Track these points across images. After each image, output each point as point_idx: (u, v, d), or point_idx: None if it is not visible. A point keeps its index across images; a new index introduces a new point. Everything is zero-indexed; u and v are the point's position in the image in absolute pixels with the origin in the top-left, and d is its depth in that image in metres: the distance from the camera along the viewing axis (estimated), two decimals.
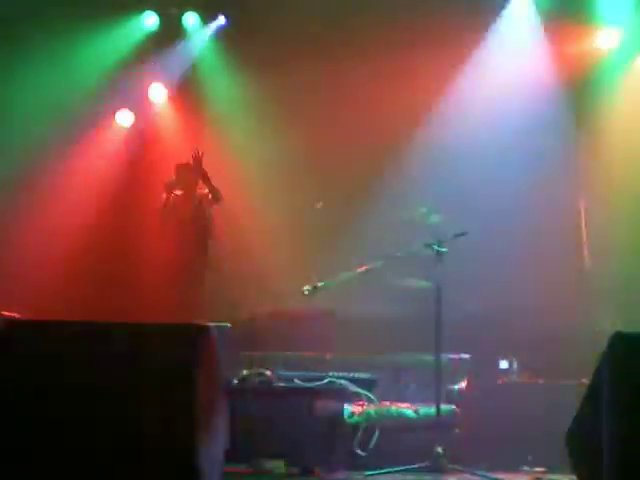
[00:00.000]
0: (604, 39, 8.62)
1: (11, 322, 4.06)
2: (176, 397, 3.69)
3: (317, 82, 8.99)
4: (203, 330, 3.85)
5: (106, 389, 3.75)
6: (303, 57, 8.94)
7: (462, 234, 5.80)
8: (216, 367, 4.11)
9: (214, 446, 4.01)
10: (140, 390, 3.63)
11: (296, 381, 5.40)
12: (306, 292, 6.30)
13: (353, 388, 5.57)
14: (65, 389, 3.70)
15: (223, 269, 8.49)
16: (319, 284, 6.33)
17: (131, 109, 9.70)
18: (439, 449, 5.44)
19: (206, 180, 7.88)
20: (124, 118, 9.73)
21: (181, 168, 8.17)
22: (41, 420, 3.73)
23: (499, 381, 6.76)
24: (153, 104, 9.77)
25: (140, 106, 9.71)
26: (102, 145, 9.60)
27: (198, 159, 7.91)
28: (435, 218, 7.01)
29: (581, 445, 4.04)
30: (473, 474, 5.30)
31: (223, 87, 9.56)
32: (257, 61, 9.22)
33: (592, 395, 4.00)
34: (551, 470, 5.54)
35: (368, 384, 5.73)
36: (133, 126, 9.72)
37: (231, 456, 4.46)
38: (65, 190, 9.14)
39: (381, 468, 5.36)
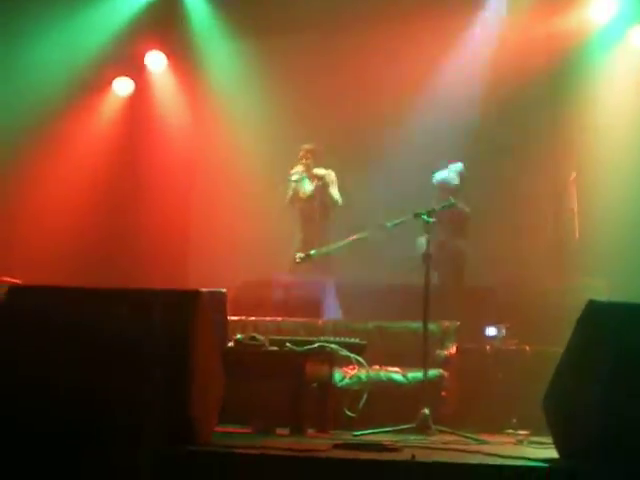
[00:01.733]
0: (598, 10, 8.70)
1: (14, 289, 4.20)
2: (173, 358, 3.88)
3: (317, 48, 9.09)
4: (198, 295, 4.03)
5: (106, 351, 3.96)
6: (301, 26, 9.04)
7: (450, 205, 5.93)
8: (211, 330, 4.30)
9: (209, 403, 4.22)
10: (138, 352, 3.80)
11: (288, 345, 5.57)
12: (298, 260, 6.44)
13: (343, 352, 5.74)
14: (66, 352, 3.88)
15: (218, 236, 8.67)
16: (311, 252, 6.47)
17: (130, 76, 9.80)
18: (425, 411, 5.61)
19: None
20: (123, 85, 9.83)
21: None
22: (43, 384, 3.92)
23: (487, 347, 6.92)
24: (151, 71, 9.86)
25: (138, 73, 9.80)
26: (101, 111, 9.72)
27: None
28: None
29: (557, 409, 4.24)
30: (458, 435, 5.48)
31: (221, 54, 9.64)
32: (255, 28, 9.32)
33: (567, 361, 4.19)
34: (535, 433, 5.68)
35: (358, 349, 5.89)
36: (132, 93, 9.83)
37: (224, 417, 4.68)
38: (65, 156, 9.27)
39: (370, 428, 5.53)
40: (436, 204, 5.91)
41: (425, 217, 5.83)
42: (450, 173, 7.50)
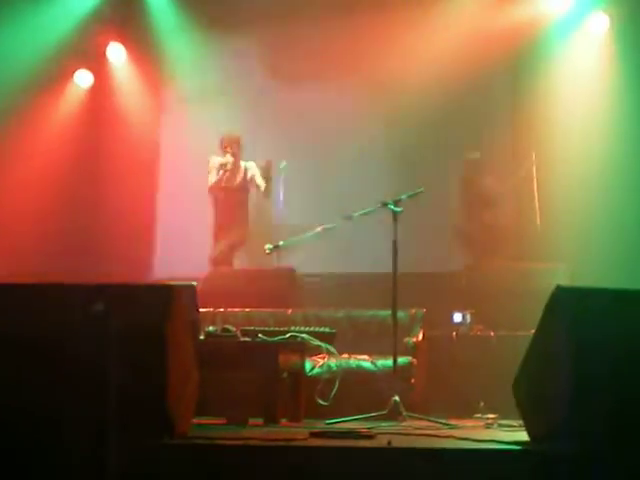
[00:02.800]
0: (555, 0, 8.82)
1: None
2: (149, 353, 3.92)
3: (280, 38, 9.10)
4: (172, 290, 4.07)
5: (79, 347, 3.98)
6: (262, 17, 9.06)
7: (417, 193, 6.01)
8: (185, 324, 4.35)
9: (185, 396, 4.26)
10: (113, 347, 3.83)
11: (260, 336, 5.63)
12: (268, 251, 6.49)
13: (314, 342, 5.81)
14: (36, 350, 3.91)
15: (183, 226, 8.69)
16: (280, 243, 6.53)
17: (90, 68, 9.75)
18: (396, 398, 5.70)
19: None
20: (83, 78, 9.78)
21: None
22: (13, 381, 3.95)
23: (453, 333, 7.04)
24: (112, 63, 9.82)
25: (99, 65, 9.75)
26: (63, 103, 9.67)
27: None
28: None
29: (526, 392, 4.34)
30: (429, 421, 5.57)
31: (182, 45, 9.61)
32: (215, 20, 9.31)
33: (535, 345, 4.29)
34: (502, 416, 5.79)
35: (328, 337, 5.97)
36: (93, 85, 9.78)
37: (198, 409, 4.72)
38: (27, 147, 9.21)
39: (341, 416, 5.61)
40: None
41: (392, 207, 5.91)
42: None
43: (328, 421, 5.50)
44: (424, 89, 8.45)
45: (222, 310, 7.06)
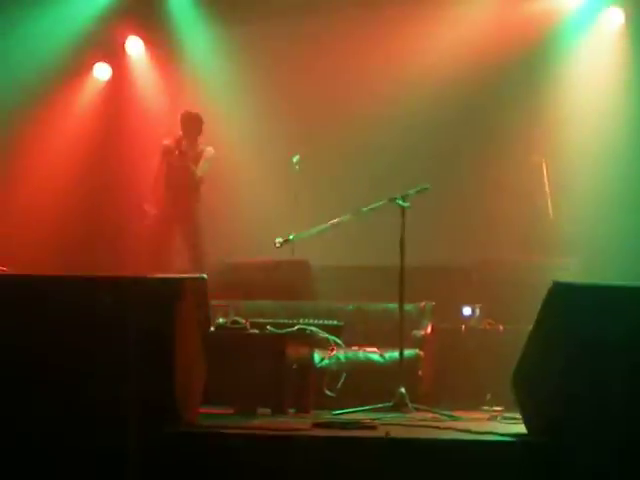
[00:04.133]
0: None
1: None
2: (157, 344, 4.04)
3: (298, 34, 9.17)
4: (181, 282, 4.19)
5: (91, 338, 4.11)
6: (284, 8, 9.13)
7: (425, 189, 6.09)
8: (194, 316, 4.47)
9: (192, 386, 4.39)
10: (123, 339, 3.95)
11: (268, 328, 5.74)
12: (278, 244, 6.58)
13: (322, 334, 5.92)
14: (50, 341, 4.03)
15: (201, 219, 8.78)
16: (290, 236, 6.62)
17: (109, 62, 9.86)
18: (402, 390, 5.80)
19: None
20: (102, 71, 9.90)
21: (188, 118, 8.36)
22: (26, 371, 4.07)
23: (462, 326, 7.11)
24: (131, 57, 9.94)
25: (118, 59, 9.86)
26: (81, 97, 9.79)
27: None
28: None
29: (524, 386, 4.43)
30: (434, 413, 5.67)
31: (201, 39, 9.70)
32: (234, 14, 9.39)
33: (533, 340, 4.38)
34: (508, 409, 5.85)
35: (336, 330, 6.08)
36: (111, 78, 9.90)
37: (208, 399, 4.85)
38: (46, 142, 9.35)
39: (349, 408, 5.71)
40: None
41: (400, 202, 5.99)
42: None
43: (335, 412, 5.60)
44: (436, 84, 8.51)
45: (234, 302, 7.15)
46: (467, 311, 7.15)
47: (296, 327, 5.76)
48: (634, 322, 4.17)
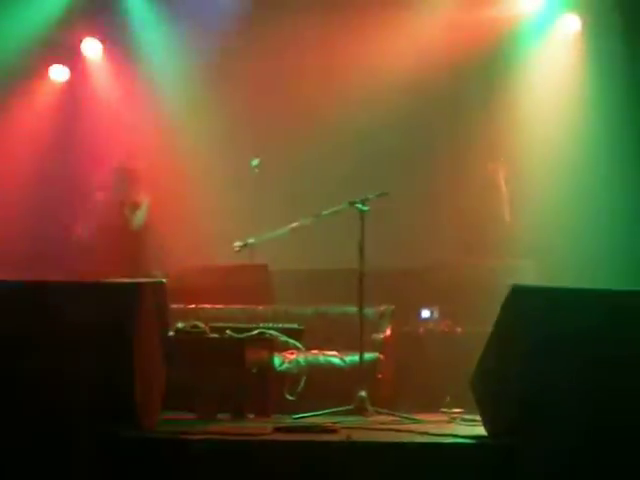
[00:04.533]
0: (526, 1, 8.90)
1: None
2: (117, 349, 4.01)
3: (257, 36, 9.14)
4: (140, 287, 4.17)
5: (46, 342, 4.07)
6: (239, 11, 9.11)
7: (384, 194, 6.12)
8: (153, 321, 4.45)
9: (152, 391, 4.36)
10: (81, 343, 3.92)
11: (228, 332, 5.73)
12: (237, 248, 6.57)
13: (282, 338, 5.92)
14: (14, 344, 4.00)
15: (156, 224, 8.73)
16: (250, 240, 6.62)
17: (65, 64, 9.77)
18: (362, 393, 5.82)
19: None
20: (59, 73, 9.80)
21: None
22: None
23: (420, 329, 7.15)
24: (88, 59, 9.85)
25: (75, 61, 9.77)
26: (37, 99, 9.69)
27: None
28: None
29: (483, 389, 4.48)
30: (394, 416, 5.69)
31: (158, 41, 9.64)
32: (188, 14, 9.35)
33: (492, 343, 4.42)
34: (468, 411, 5.90)
35: (296, 334, 6.08)
36: (68, 80, 9.80)
37: (168, 404, 4.82)
38: (1, 145, 9.24)
39: (309, 412, 5.71)
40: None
41: (360, 206, 6.02)
42: None
43: (295, 416, 5.60)
44: (395, 90, 8.53)
45: (193, 306, 7.14)
46: (425, 313, 7.22)
47: (256, 331, 5.76)
48: (587, 323, 4.23)
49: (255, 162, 8.26)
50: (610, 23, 8.44)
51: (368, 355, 6.23)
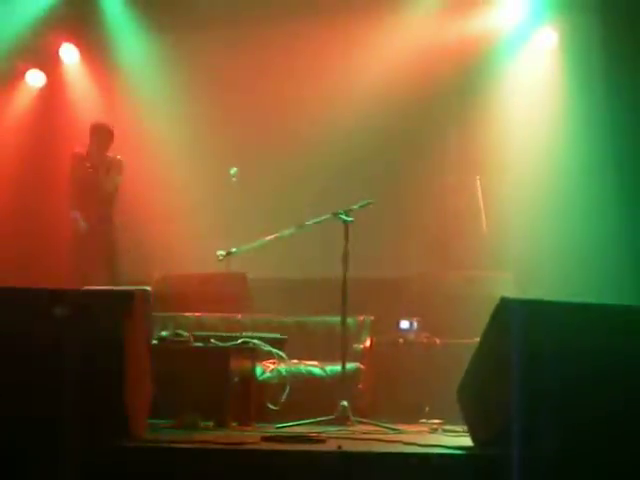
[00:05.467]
0: (506, 13, 8.95)
1: None
2: (106, 357, 3.99)
3: (237, 44, 9.15)
4: (132, 295, 4.15)
5: (38, 350, 4.04)
6: (219, 19, 9.11)
7: (368, 203, 6.16)
8: (142, 329, 4.43)
9: (140, 399, 4.34)
10: (72, 352, 3.89)
11: (212, 341, 5.72)
12: (220, 257, 6.57)
13: (266, 347, 5.92)
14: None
15: (134, 232, 8.69)
16: (233, 249, 6.61)
17: (42, 69, 9.72)
18: (344, 403, 5.83)
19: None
20: (35, 78, 9.75)
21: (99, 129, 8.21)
22: None
23: (400, 340, 7.18)
24: (64, 64, 9.80)
25: (51, 66, 9.72)
26: (13, 104, 9.62)
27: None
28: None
29: (471, 400, 4.51)
30: (376, 426, 5.71)
31: (136, 47, 9.62)
32: (168, 22, 9.34)
33: (480, 354, 4.46)
34: (447, 422, 5.94)
35: (279, 343, 6.09)
36: (45, 85, 9.75)
37: (152, 411, 4.80)
38: None
39: (290, 421, 5.71)
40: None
41: (343, 216, 6.05)
42: None
43: (278, 425, 5.60)
44: (375, 101, 8.58)
45: (173, 314, 7.10)
46: (405, 325, 7.24)
47: (240, 340, 5.75)
48: (578, 336, 4.28)
49: (233, 171, 8.27)
50: (588, 36, 8.54)
51: (349, 365, 6.24)
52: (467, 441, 4.56)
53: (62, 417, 3.95)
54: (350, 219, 6.05)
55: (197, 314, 7.19)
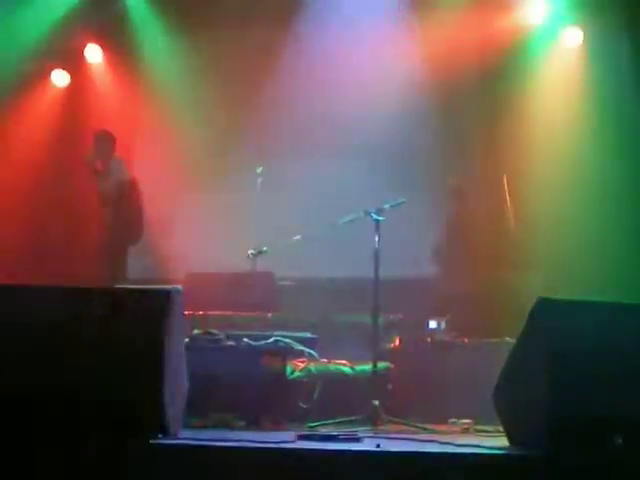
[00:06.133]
0: (532, 11, 8.93)
1: None
2: (146, 356, 4.01)
3: (264, 42, 9.16)
4: (171, 295, 4.16)
5: (80, 351, 4.05)
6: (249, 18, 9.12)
7: (400, 203, 6.15)
8: (179, 327, 4.44)
9: (177, 397, 4.35)
10: (114, 351, 3.91)
11: (245, 340, 5.73)
12: (250, 256, 6.58)
13: (297, 346, 5.92)
14: (42, 352, 3.97)
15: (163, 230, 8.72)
16: (264, 248, 6.62)
17: (66, 69, 9.75)
18: (375, 402, 5.83)
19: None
20: (60, 78, 9.78)
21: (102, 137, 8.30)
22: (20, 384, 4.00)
23: (428, 339, 7.17)
24: (89, 64, 9.84)
25: (76, 66, 9.76)
26: (38, 104, 9.66)
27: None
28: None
29: (508, 400, 4.49)
30: (407, 425, 5.70)
31: (160, 47, 9.64)
32: (193, 22, 9.36)
33: (517, 354, 4.44)
34: (476, 421, 5.93)
35: (310, 342, 6.10)
36: (69, 85, 9.78)
37: (185, 410, 4.80)
38: (2, 150, 9.20)
39: (319, 420, 5.71)
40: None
41: (374, 215, 6.04)
42: None
43: (309, 424, 5.60)
44: (400, 101, 8.56)
45: (202, 313, 7.12)
46: (433, 324, 7.22)
47: (272, 339, 5.75)
48: (617, 337, 4.26)
49: (260, 170, 8.27)
50: (613, 35, 8.51)
51: (379, 364, 6.23)
52: (501, 441, 4.55)
53: (99, 415, 3.96)
54: (382, 218, 6.04)
55: (226, 313, 7.18)
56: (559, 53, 8.91)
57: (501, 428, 4.66)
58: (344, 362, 6.60)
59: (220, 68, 9.33)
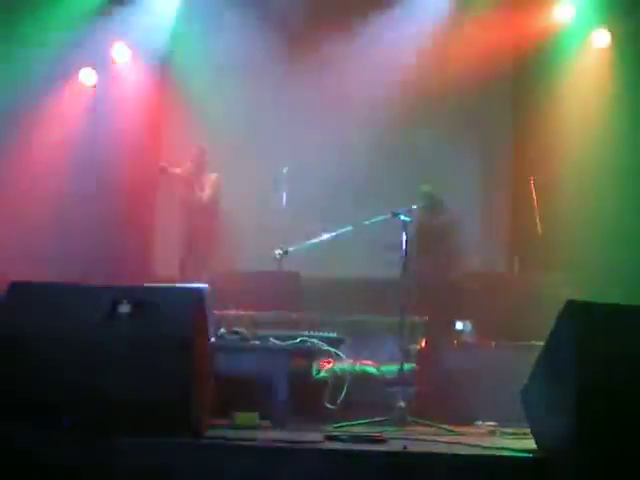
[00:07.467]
0: (561, 13, 8.94)
1: (15, 285, 4.24)
2: (176, 354, 4.01)
3: (288, 43, 9.17)
4: (200, 293, 4.16)
5: (109, 350, 4.07)
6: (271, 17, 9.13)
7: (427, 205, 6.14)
8: (207, 325, 4.45)
9: (205, 396, 4.36)
10: (143, 349, 3.92)
11: (271, 340, 5.72)
12: (277, 256, 6.58)
13: (324, 346, 5.91)
14: (70, 350, 3.99)
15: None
16: (290, 248, 6.62)
17: (94, 67, 9.80)
18: (401, 403, 5.81)
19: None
20: (87, 76, 9.83)
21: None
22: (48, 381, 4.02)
23: (454, 341, 7.14)
24: (116, 63, 9.88)
25: (103, 65, 9.81)
26: (66, 102, 9.71)
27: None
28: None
29: (536, 402, 4.45)
30: (434, 427, 5.68)
31: (187, 47, 9.67)
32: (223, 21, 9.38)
33: (546, 356, 4.40)
34: (502, 424, 5.90)
35: (336, 343, 6.08)
36: (96, 84, 9.83)
37: (212, 409, 4.80)
38: (31, 147, 9.25)
39: (344, 420, 5.70)
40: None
41: (403, 216, 6.02)
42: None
43: (335, 425, 5.58)
44: (428, 101, 8.55)
45: (226, 312, 7.13)
46: (460, 326, 7.20)
47: (298, 339, 5.74)
48: None
49: (284, 170, 8.28)
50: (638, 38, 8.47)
51: (405, 366, 6.21)
52: (528, 444, 4.51)
53: (130, 415, 3.97)
54: (409, 219, 6.02)
55: (251, 312, 7.19)
56: (588, 54, 8.86)
57: (527, 431, 4.63)
58: (370, 363, 6.58)
59: (244, 66, 9.34)
